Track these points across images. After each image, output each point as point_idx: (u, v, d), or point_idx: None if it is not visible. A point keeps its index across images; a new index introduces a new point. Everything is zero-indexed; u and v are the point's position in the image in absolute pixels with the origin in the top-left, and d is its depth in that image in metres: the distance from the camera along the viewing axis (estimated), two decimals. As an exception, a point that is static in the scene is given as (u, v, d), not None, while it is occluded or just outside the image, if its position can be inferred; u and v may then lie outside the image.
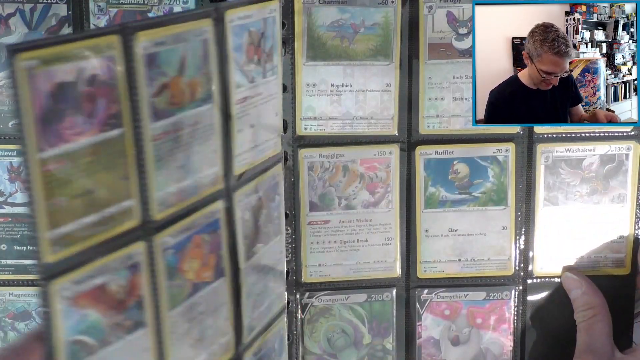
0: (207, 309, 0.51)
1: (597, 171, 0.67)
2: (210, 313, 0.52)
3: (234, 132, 0.53)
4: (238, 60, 0.53)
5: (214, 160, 0.51)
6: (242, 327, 0.56)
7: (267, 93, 0.58)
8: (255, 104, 0.56)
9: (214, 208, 0.52)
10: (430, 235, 0.67)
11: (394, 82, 0.65)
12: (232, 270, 0.54)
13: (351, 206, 0.66)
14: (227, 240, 0.53)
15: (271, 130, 0.59)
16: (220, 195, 0.52)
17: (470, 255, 0.67)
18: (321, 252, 0.67)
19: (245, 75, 0.54)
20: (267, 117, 0.58)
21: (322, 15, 0.63)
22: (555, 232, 0.68)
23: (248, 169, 0.55)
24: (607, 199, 0.68)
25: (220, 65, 0.50)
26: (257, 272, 0.58)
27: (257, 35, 0.55)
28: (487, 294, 0.68)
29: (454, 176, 0.66)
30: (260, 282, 0.59)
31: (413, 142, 0.66)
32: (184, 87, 0.47)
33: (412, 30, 0.64)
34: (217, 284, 0.52)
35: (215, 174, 0.51)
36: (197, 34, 0.48)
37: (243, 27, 0.53)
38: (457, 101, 0.65)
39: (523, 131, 0.66)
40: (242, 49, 0.53)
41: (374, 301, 0.68)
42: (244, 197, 0.55)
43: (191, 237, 0.49)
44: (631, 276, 0.69)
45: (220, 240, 0.52)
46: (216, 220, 0.52)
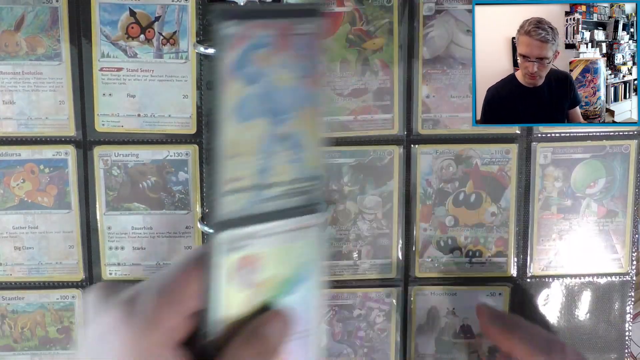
0: None
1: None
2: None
3: (98, 94, 0.63)
4: (108, 34, 0.63)
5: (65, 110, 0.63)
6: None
7: (167, 73, 0.64)
8: (141, 79, 0.63)
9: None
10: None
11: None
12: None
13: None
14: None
15: (176, 110, 0.64)
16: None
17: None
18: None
19: (121, 49, 0.63)
20: (168, 95, 0.64)
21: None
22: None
23: (121, 132, 0.63)
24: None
25: (75, 33, 0.62)
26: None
27: (146, 16, 0.63)
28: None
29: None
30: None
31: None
32: (20, 40, 0.63)
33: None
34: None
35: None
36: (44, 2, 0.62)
37: (119, 7, 0.63)
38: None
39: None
40: (117, 25, 0.62)
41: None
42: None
43: None
44: (629, 276, 0.69)
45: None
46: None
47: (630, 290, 0.69)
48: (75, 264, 0.67)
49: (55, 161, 0.65)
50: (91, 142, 0.65)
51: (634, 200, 0.68)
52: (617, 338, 0.70)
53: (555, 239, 0.68)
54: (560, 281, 0.69)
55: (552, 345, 0.58)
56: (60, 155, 0.65)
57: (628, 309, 0.69)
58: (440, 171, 0.67)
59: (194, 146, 0.65)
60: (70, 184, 0.65)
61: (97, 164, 0.65)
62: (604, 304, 0.69)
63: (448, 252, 0.68)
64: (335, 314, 0.68)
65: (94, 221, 0.66)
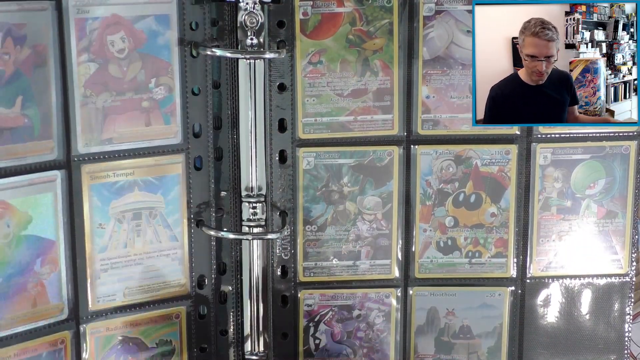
0: None
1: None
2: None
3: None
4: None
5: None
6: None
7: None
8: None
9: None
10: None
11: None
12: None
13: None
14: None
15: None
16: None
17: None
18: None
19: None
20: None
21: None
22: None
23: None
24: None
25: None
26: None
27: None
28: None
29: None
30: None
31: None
32: None
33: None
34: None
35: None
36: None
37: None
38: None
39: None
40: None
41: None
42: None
43: None
44: (628, 277, 0.69)
45: None
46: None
47: (629, 291, 0.69)
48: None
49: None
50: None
51: (633, 201, 0.68)
52: (617, 338, 0.70)
53: (555, 240, 0.68)
54: (560, 282, 0.69)
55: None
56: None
57: (628, 309, 0.69)
58: (440, 172, 0.67)
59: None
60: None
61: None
62: (604, 305, 0.69)
63: (448, 253, 0.68)
64: (335, 314, 0.68)
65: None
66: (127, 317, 0.65)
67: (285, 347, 0.68)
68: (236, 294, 0.68)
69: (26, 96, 0.58)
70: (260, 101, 0.65)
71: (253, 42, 0.63)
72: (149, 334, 0.66)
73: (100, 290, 0.63)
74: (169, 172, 0.64)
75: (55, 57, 0.58)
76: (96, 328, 0.64)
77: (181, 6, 0.62)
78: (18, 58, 0.57)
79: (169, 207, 0.64)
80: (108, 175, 0.62)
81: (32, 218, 0.59)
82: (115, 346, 0.65)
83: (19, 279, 0.60)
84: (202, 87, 0.64)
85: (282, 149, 0.65)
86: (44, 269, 0.61)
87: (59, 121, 0.59)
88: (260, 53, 0.63)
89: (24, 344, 0.60)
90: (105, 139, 0.61)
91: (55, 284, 0.61)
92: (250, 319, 0.68)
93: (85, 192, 0.62)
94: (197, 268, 0.66)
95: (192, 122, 0.64)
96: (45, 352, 0.62)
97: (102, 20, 0.59)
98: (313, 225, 0.67)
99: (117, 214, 0.63)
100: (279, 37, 0.63)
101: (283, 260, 0.67)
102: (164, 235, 0.65)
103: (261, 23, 0.63)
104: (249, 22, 0.63)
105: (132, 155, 0.62)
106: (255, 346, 0.68)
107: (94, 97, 0.60)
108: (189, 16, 0.62)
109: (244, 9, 0.63)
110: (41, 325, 0.61)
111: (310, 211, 0.66)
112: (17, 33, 0.56)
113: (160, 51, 0.62)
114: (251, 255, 0.67)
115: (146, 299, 0.65)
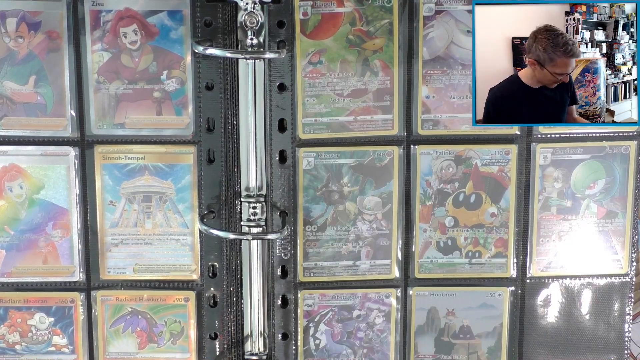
0: None
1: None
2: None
3: None
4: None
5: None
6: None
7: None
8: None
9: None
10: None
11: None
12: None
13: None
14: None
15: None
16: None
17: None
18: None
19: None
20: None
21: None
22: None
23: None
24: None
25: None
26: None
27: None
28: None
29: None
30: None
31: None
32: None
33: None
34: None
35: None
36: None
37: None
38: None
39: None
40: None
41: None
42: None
43: None
44: (628, 277, 0.69)
45: None
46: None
47: (629, 291, 0.69)
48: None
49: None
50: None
51: (633, 201, 0.68)
52: (617, 338, 0.70)
53: (555, 240, 0.68)
54: (560, 282, 0.69)
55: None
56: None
57: (628, 309, 0.69)
58: (440, 172, 0.67)
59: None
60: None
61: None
62: (604, 305, 0.69)
63: (448, 253, 0.68)
64: (335, 315, 0.68)
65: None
66: (137, 292, 0.68)
67: (285, 348, 0.68)
68: (238, 292, 0.68)
69: (39, 76, 0.64)
70: (260, 101, 0.65)
71: (253, 42, 0.63)
72: (157, 311, 0.68)
73: (111, 263, 0.67)
74: (180, 161, 0.66)
75: (69, 44, 0.64)
76: (106, 296, 0.68)
77: (194, 3, 0.63)
78: (32, 42, 0.64)
79: (179, 195, 0.66)
80: (120, 157, 0.66)
81: (44, 184, 0.66)
82: (125, 316, 0.68)
83: (31, 235, 0.67)
84: (216, 83, 0.64)
85: (282, 149, 0.65)
86: (55, 232, 0.67)
87: (73, 102, 0.65)
88: (260, 53, 0.63)
89: (33, 294, 0.67)
90: (117, 123, 0.65)
91: (66, 248, 0.67)
92: (250, 319, 0.68)
93: (98, 170, 0.66)
94: (206, 257, 0.67)
95: (205, 116, 0.65)
96: (55, 306, 0.68)
97: (115, 12, 0.63)
98: (313, 226, 0.67)
99: (127, 194, 0.66)
100: (279, 37, 0.63)
101: (283, 260, 0.67)
102: (174, 220, 0.67)
103: (261, 23, 0.63)
104: (249, 22, 0.63)
105: (143, 141, 0.66)
106: (255, 346, 0.68)
107: (106, 84, 0.65)
108: (202, 13, 0.63)
109: (244, 9, 0.63)
110: (51, 281, 0.67)
111: (310, 211, 0.66)
112: (31, 19, 0.64)
113: (173, 45, 0.64)
114: (251, 255, 0.67)
115: (156, 278, 0.67)
